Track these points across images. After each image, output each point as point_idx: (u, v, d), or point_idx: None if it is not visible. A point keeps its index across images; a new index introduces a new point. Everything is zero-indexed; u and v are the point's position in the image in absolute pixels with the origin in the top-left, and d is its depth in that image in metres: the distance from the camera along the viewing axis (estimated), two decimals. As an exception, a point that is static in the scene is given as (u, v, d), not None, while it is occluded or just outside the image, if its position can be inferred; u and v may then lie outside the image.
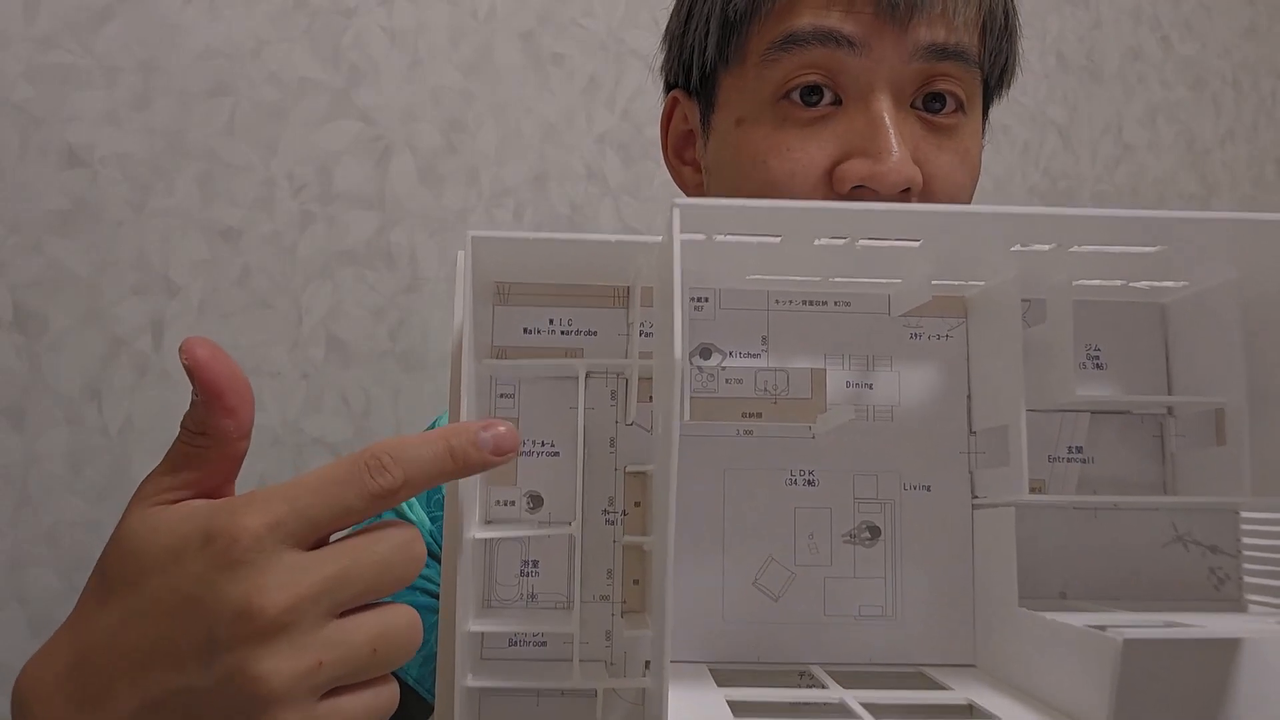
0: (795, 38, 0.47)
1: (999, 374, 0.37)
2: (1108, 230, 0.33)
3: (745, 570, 0.38)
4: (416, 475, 0.28)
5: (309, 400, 0.85)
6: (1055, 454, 0.39)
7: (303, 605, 0.26)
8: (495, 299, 0.39)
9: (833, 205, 0.32)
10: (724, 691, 0.33)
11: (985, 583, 0.37)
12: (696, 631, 0.37)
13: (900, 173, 0.45)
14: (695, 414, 0.38)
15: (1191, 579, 0.38)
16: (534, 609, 0.37)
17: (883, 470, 0.38)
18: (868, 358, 0.39)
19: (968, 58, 0.47)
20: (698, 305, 0.39)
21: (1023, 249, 0.34)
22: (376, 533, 0.28)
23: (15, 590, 0.75)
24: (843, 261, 0.37)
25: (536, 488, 0.37)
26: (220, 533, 0.27)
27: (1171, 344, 0.39)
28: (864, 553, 0.38)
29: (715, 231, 0.34)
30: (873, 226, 0.33)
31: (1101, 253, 0.35)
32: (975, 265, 0.37)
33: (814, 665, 0.37)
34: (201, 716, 0.27)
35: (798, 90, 0.47)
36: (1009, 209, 0.32)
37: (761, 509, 0.38)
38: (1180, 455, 0.38)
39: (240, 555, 0.26)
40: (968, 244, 0.35)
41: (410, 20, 0.90)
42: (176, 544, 0.27)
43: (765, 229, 0.34)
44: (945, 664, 0.37)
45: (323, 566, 0.27)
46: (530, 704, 0.36)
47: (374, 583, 0.28)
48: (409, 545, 0.29)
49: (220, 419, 0.29)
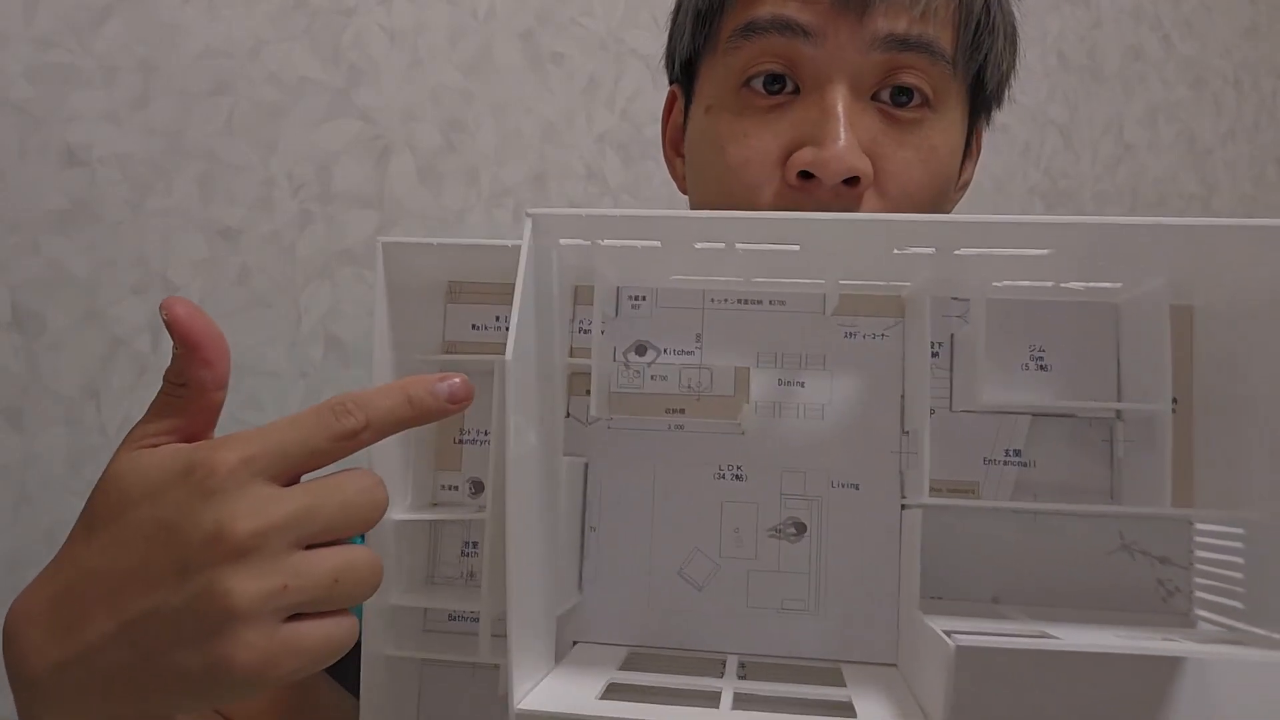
0: (754, 25, 0.47)
1: (919, 375, 0.37)
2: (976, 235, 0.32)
3: (671, 560, 0.39)
4: (378, 419, 0.31)
5: (308, 400, 0.85)
6: (991, 456, 0.38)
7: (271, 532, 0.29)
8: (447, 297, 0.41)
9: (669, 214, 0.33)
10: (616, 674, 0.34)
11: (907, 582, 0.37)
12: (622, 614, 0.38)
13: (844, 161, 0.44)
14: (619, 409, 0.39)
15: (1139, 589, 0.37)
16: (472, 586, 0.39)
17: (811, 468, 0.39)
18: (801, 356, 0.39)
19: (933, 50, 0.46)
20: (635, 303, 0.40)
21: (904, 252, 0.34)
22: (342, 476, 0.31)
23: (14, 590, 0.74)
24: (759, 263, 0.37)
25: (478, 474, 0.40)
26: (199, 465, 0.29)
27: (1122, 346, 0.38)
28: (789, 548, 0.38)
29: (595, 238, 0.35)
30: (740, 233, 0.33)
31: (989, 255, 0.34)
32: (877, 266, 0.37)
33: (731, 655, 0.37)
34: (170, 637, 0.28)
35: (759, 78, 0.48)
36: (853, 217, 0.33)
37: (689, 501, 0.39)
38: (1127, 461, 0.37)
39: (216, 485, 0.29)
40: (846, 248, 0.35)
41: (410, 20, 0.90)
42: (159, 478, 0.30)
43: (630, 235, 0.35)
44: (867, 662, 0.37)
45: (292, 500, 0.29)
46: (466, 674, 0.39)
47: (338, 520, 0.30)
48: (372, 490, 0.31)
49: (198, 370, 0.32)
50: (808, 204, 0.46)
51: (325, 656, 0.30)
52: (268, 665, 0.28)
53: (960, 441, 0.38)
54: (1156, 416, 0.35)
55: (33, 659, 0.30)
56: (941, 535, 0.36)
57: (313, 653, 0.29)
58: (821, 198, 0.45)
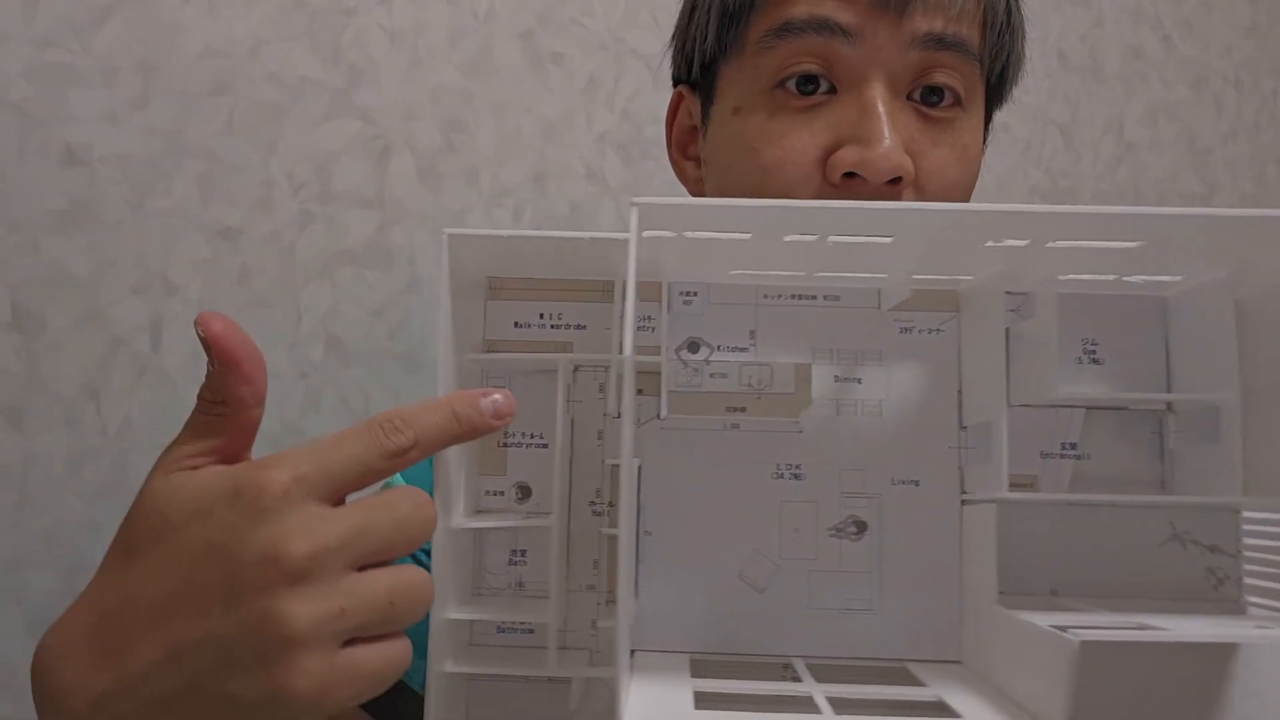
0: (791, 25, 0.46)
1: (984, 369, 0.36)
2: (1081, 228, 0.32)
3: (730, 562, 0.38)
4: (426, 436, 0.30)
5: (308, 400, 0.85)
6: (1048, 450, 0.38)
7: (326, 553, 0.28)
8: (487, 294, 0.39)
9: (797, 204, 0.32)
10: (695, 683, 0.33)
11: (972, 578, 0.37)
12: (680, 622, 0.37)
13: (890, 160, 0.44)
14: (678, 408, 0.38)
15: (1189, 579, 0.37)
16: (521, 597, 0.38)
17: (870, 465, 0.38)
18: (856, 352, 0.39)
19: (966, 49, 0.47)
20: (686, 300, 0.39)
21: (996, 245, 0.34)
22: (392, 494, 0.30)
23: (13, 590, 0.75)
24: (820, 257, 0.36)
25: (525, 479, 0.38)
26: (248, 485, 0.28)
27: (1171, 338, 0.38)
28: (850, 547, 0.38)
29: (684, 230, 0.34)
30: (838, 224, 0.33)
31: (1081, 248, 0.34)
32: (954, 260, 0.37)
33: (796, 658, 0.37)
34: (223, 664, 0.27)
35: (793, 79, 0.47)
36: (977, 207, 0.32)
37: (747, 502, 0.38)
38: (1179, 452, 0.38)
39: (268, 504, 0.28)
40: (941, 241, 0.34)
41: (410, 20, 0.90)
42: (204, 500, 0.29)
43: (730, 227, 0.34)
44: (930, 660, 0.37)
45: (344, 520, 0.29)
46: (517, 689, 0.37)
47: (390, 539, 0.29)
48: (421, 508, 0.30)
49: (238, 386, 0.30)
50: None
51: (384, 681, 0.29)
52: (327, 692, 0.27)
53: (1017, 436, 0.38)
54: (1222, 405, 0.35)
55: (72, 693, 0.29)
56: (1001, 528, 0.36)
57: (372, 677, 0.29)
58: (865, 196, 0.45)
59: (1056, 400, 0.36)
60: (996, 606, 0.34)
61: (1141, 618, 0.33)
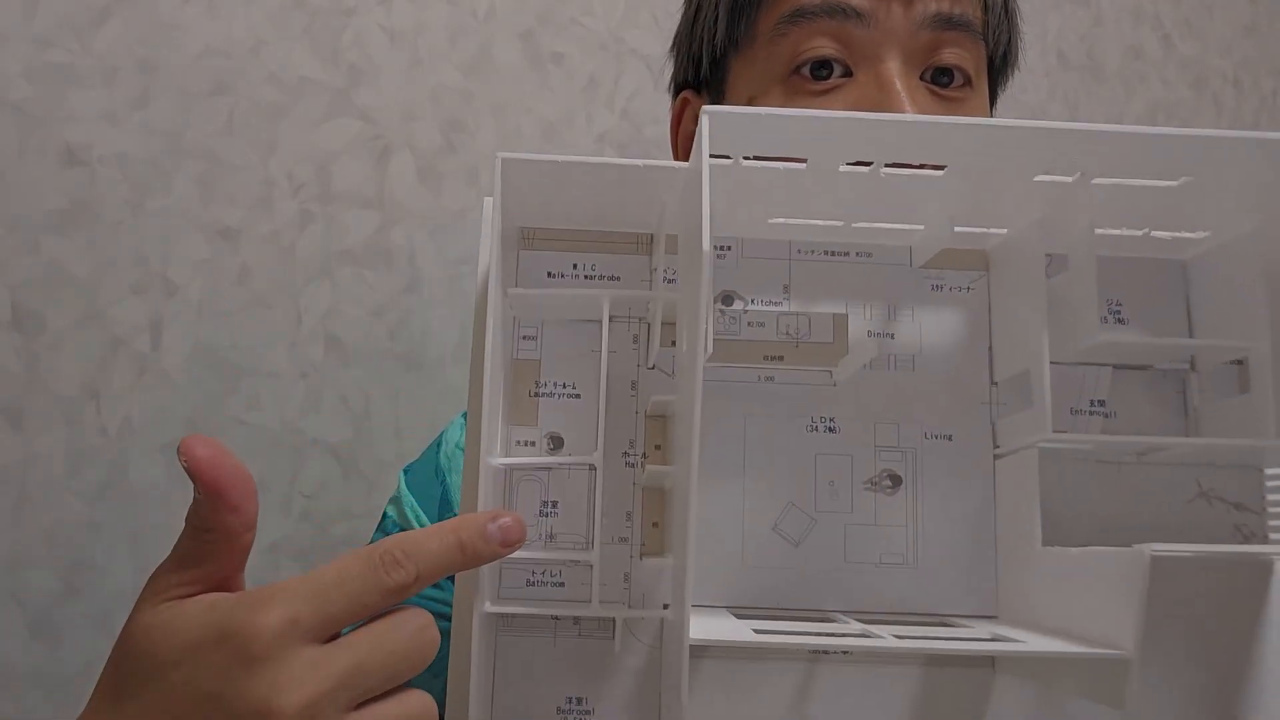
0: (804, 10, 0.47)
1: (1022, 321, 0.36)
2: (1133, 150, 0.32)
3: (765, 516, 0.37)
4: (428, 569, 0.29)
5: (308, 400, 0.85)
6: (1077, 407, 0.38)
7: (321, 701, 0.27)
8: (520, 244, 0.39)
9: (861, 116, 0.32)
10: (748, 623, 0.33)
11: (1007, 531, 0.37)
12: (716, 576, 0.37)
13: None
14: (717, 357, 0.38)
15: (1216, 535, 0.38)
16: (553, 549, 0.37)
17: (904, 419, 0.38)
18: (889, 307, 0.39)
19: (973, 28, 0.48)
20: (720, 254, 0.39)
21: (1047, 178, 0.34)
22: (391, 622, 0.29)
23: (13, 590, 0.75)
24: (865, 197, 0.36)
25: (557, 429, 0.38)
26: (239, 630, 0.27)
27: (1193, 299, 0.39)
28: (885, 500, 0.38)
29: (742, 151, 0.33)
30: (901, 139, 0.33)
31: (1124, 186, 0.34)
32: (998, 202, 0.36)
33: (835, 612, 0.37)
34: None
35: (808, 65, 0.48)
36: (1035, 123, 0.32)
37: (782, 455, 0.38)
38: (1203, 409, 0.38)
39: (259, 652, 0.27)
40: (992, 173, 0.34)
41: (410, 20, 0.90)
42: (193, 640, 0.27)
43: (793, 140, 0.33)
44: (967, 614, 0.37)
45: (340, 660, 0.28)
46: (546, 644, 0.36)
47: (391, 673, 0.28)
48: (423, 632, 0.29)
49: (225, 515, 0.29)
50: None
51: None
52: None
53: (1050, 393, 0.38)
54: (1251, 355, 0.35)
55: None
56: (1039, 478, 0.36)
57: None
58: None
59: (1093, 353, 0.36)
60: (1044, 549, 0.34)
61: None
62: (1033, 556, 0.35)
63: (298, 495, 0.84)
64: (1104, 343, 0.35)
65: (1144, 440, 0.37)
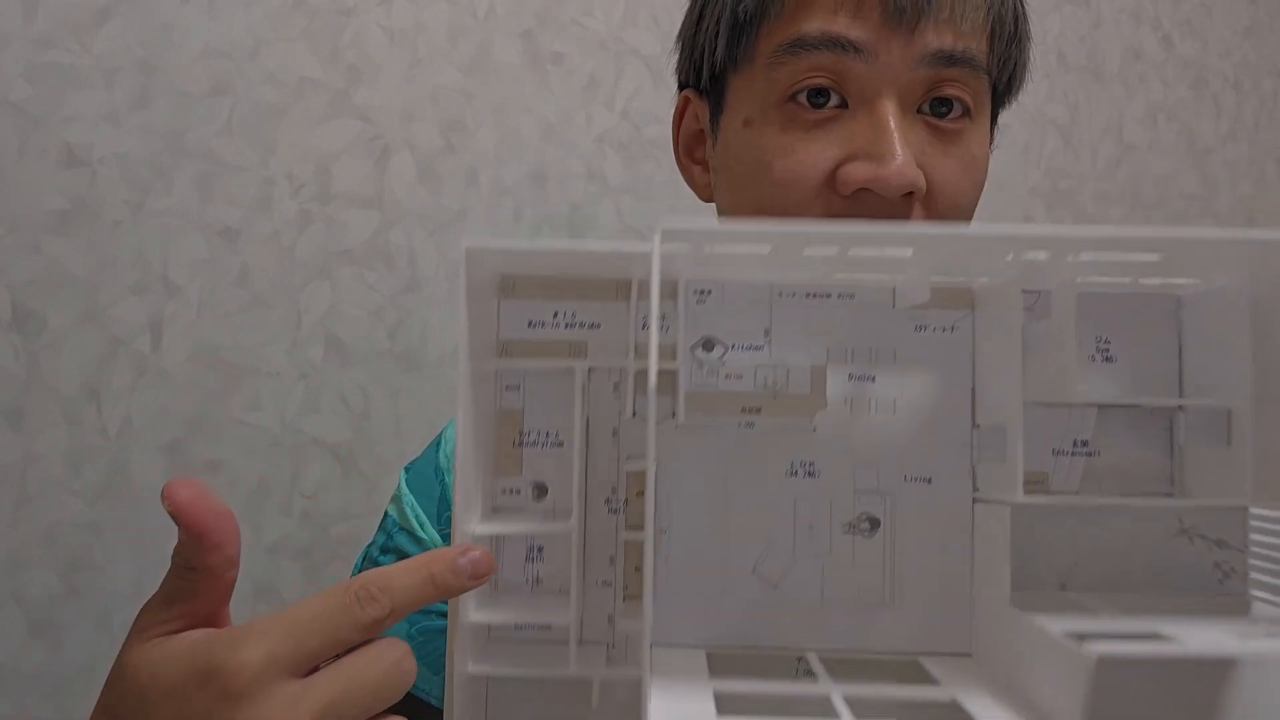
0: (803, 42, 0.46)
1: (999, 371, 0.37)
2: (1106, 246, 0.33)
3: (745, 559, 0.38)
4: (402, 604, 0.31)
5: (308, 400, 0.85)
6: (1060, 447, 0.38)
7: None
8: (500, 293, 0.39)
9: (820, 227, 0.33)
10: (714, 684, 0.34)
11: (982, 575, 0.37)
12: (696, 617, 0.38)
13: (904, 176, 0.44)
14: (695, 408, 0.39)
15: (1196, 572, 0.38)
16: (540, 594, 0.38)
17: (884, 462, 0.38)
18: (871, 350, 0.39)
19: (975, 64, 0.47)
20: (701, 298, 0.39)
21: (1017, 257, 0.34)
22: (368, 655, 0.30)
23: (14, 590, 0.75)
24: (838, 265, 0.37)
25: (542, 477, 0.38)
26: (220, 668, 0.28)
27: (1185, 337, 0.38)
28: (863, 543, 0.38)
29: (704, 243, 0.34)
30: (859, 242, 0.34)
31: (1102, 260, 0.34)
32: (973, 268, 0.37)
33: (810, 651, 0.37)
34: None
35: (804, 92, 0.47)
36: (999, 231, 0.32)
37: (762, 499, 0.38)
38: (1189, 450, 0.38)
39: (239, 689, 0.28)
40: (960, 255, 0.35)
41: (409, 20, 0.90)
42: (178, 679, 0.29)
43: (752, 248, 0.34)
44: (941, 653, 0.37)
45: (318, 694, 0.29)
46: (535, 687, 0.37)
47: (368, 705, 0.30)
48: (399, 664, 0.30)
49: (208, 555, 0.30)
50: (861, 215, 0.46)
51: None
52: None
53: (1030, 432, 0.38)
54: (1234, 410, 0.35)
55: None
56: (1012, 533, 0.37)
57: None
58: (877, 210, 0.46)
59: (1072, 401, 0.36)
60: (1011, 609, 0.34)
61: (1153, 620, 0.33)
62: (1001, 612, 0.35)
63: (298, 495, 0.84)
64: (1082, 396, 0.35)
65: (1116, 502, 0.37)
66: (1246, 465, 0.35)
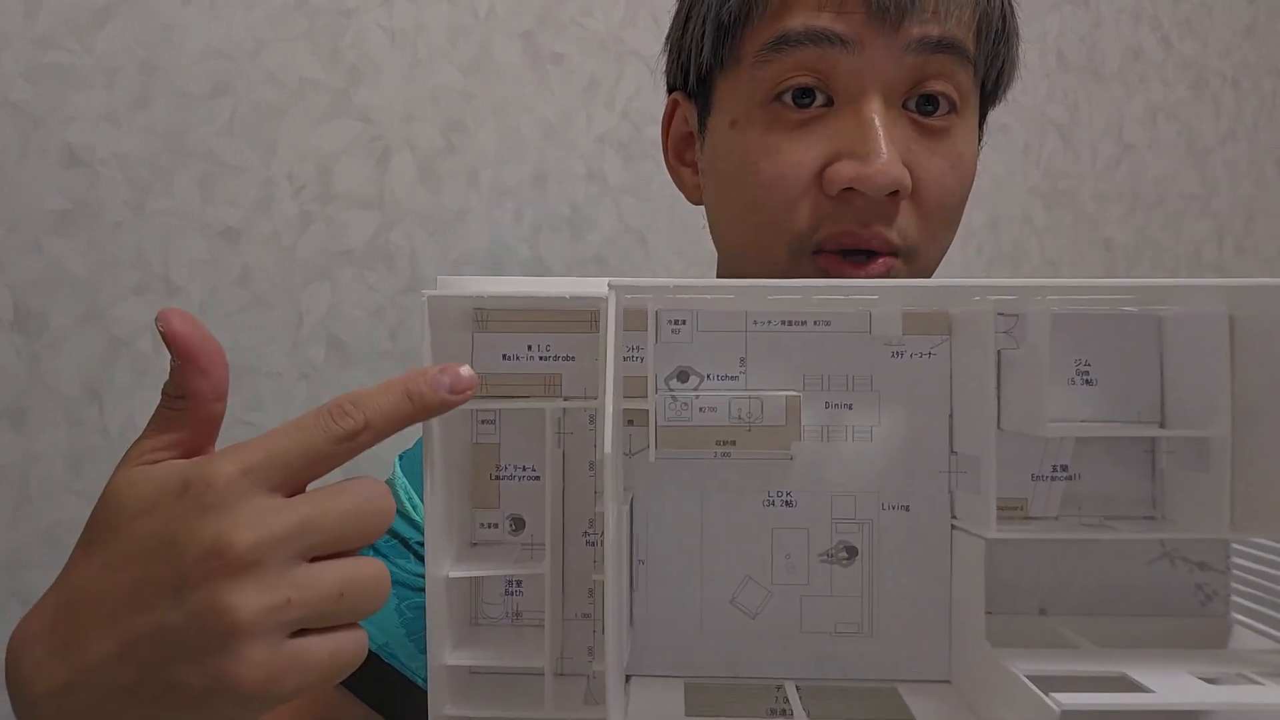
0: (787, 38, 0.46)
1: (974, 402, 0.36)
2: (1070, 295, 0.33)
3: (723, 589, 0.38)
4: (377, 417, 0.30)
5: (309, 400, 0.85)
6: (1039, 472, 0.38)
7: (272, 543, 0.28)
8: (474, 325, 0.39)
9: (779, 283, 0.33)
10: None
11: (960, 603, 0.37)
12: (675, 647, 0.38)
13: (888, 174, 0.44)
14: (669, 442, 0.38)
15: (1178, 594, 0.38)
16: (519, 626, 0.38)
17: (861, 490, 0.38)
18: (848, 377, 0.39)
19: (961, 51, 0.47)
20: (675, 328, 0.39)
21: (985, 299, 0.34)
22: (346, 485, 0.30)
23: (14, 590, 0.75)
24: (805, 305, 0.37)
25: (519, 510, 0.39)
26: (196, 479, 0.29)
27: (1166, 358, 0.38)
28: (840, 572, 0.38)
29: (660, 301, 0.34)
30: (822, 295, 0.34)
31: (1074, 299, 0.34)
32: (945, 303, 0.37)
33: (788, 681, 0.37)
34: (171, 656, 0.28)
35: (789, 92, 0.47)
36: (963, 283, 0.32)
37: (739, 530, 0.38)
38: (1170, 474, 0.38)
39: (214, 499, 0.28)
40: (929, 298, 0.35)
41: (410, 20, 0.90)
42: (156, 493, 0.29)
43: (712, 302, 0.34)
44: (920, 680, 0.37)
45: (293, 510, 0.29)
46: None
47: (342, 530, 0.29)
48: (376, 499, 0.30)
49: (195, 380, 0.31)
50: (848, 215, 0.46)
51: (333, 673, 0.29)
52: (272, 682, 0.28)
53: (1009, 458, 0.38)
54: (1213, 440, 0.35)
55: (35, 682, 0.29)
56: (989, 549, 0.36)
57: (320, 669, 0.29)
58: (863, 209, 0.46)
59: (1044, 435, 0.36)
60: (985, 645, 0.34)
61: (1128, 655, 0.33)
62: (976, 645, 0.35)
63: (298, 495, 0.84)
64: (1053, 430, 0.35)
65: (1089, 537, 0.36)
66: (1224, 496, 0.34)
